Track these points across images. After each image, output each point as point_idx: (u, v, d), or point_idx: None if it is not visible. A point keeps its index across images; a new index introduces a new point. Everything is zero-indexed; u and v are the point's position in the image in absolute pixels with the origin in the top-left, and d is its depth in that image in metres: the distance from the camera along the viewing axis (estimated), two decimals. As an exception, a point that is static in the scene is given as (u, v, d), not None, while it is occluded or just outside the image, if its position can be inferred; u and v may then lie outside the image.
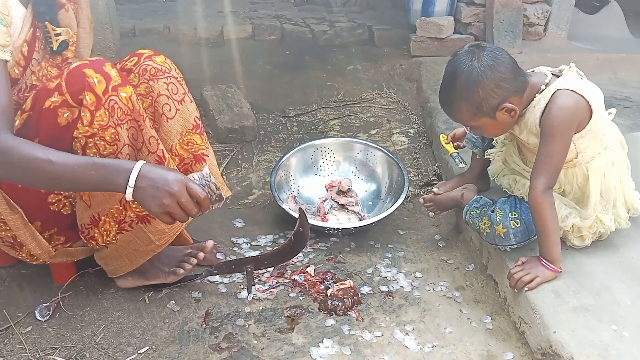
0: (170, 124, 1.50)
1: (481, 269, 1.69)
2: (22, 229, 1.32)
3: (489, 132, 1.51)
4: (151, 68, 1.49)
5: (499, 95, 1.37)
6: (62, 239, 1.38)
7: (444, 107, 1.47)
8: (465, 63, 1.37)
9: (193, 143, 1.55)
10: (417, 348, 1.38)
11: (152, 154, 1.35)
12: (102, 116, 1.24)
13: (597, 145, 1.45)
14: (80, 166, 1.15)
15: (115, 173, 1.16)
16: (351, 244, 1.85)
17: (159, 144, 1.37)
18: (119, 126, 1.27)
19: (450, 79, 1.41)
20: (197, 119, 1.56)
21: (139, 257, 1.46)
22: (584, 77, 1.45)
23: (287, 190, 2.05)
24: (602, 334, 1.25)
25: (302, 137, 2.57)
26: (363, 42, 3.71)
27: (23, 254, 1.41)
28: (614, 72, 3.11)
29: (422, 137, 2.58)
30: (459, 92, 1.39)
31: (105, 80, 1.25)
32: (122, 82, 1.28)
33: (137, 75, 1.49)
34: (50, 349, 1.36)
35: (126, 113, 1.28)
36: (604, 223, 1.47)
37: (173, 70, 1.52)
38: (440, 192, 1.83)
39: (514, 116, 1.41)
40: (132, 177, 1.15)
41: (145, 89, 1.49)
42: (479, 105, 1.38)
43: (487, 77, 1.35)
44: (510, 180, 1.60)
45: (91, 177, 1.15)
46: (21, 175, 1.17)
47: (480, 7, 3.37)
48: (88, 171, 1.15)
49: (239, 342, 1.40)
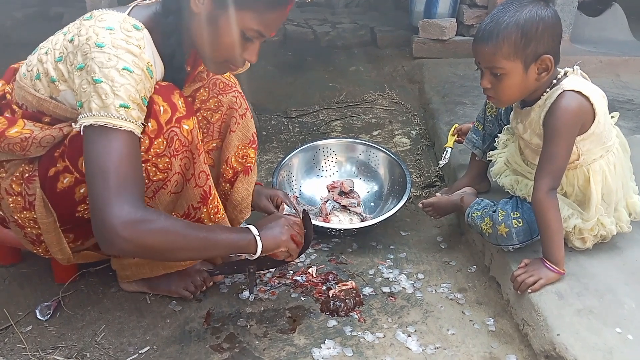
0: (232, 136, 1.56)
1: (484, 271, 1.68)
2: (52, 232, 1.33)
3: (504, 87, 1.40)
4: (220, 82, 1.54)
5: (549, 45, 1.34)
6: (71, 236, 1.38)
7: (485, 35, 1.36)
8: (532, 2, 1.34)
9: (247, 156, 1.60)
10: (420, 350, 1.37)
11: (199, 188, 1.36)
12: (160, 144, 1.24)
13: (599, 148, 1.44)
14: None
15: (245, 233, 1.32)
16: (353, 244, 1.84)
17: (208, 180, 1.38)
18: (174, 157, 1.27)
19: (511, 8, 1.34)
20: (254, 134, 1.60)
21: (161, 269, 1.48)
22: (588, 80, 1.45)
23: (289, 190, 2.04)
24: (606, 337, 1.24)
25: (304, 137, 2.57)
26: (365, 43, 3.71)
27: (40, 250, 1.40)
28: (616, 75, 3.11)
29: (424, 138, 2.58)
30: (516, 20, 1.32)
31: (171, 110, 1.24)
32: (186, 115, 1.28)
33: (207, 89, 1.53)
34: (51, 348, 1.36)
35: (184, 145, 1.28)
36: (606, 226, 1.46)
37: (237, 85, 1.57)
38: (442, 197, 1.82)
39: (541, 80, 1.38)
40: (253, 230, 1.31)
41: (215, 104, 1.53)
42: (527, 43, 1.32)
43: (552, 22, 1.33)
44: (512, 180, 1.59)
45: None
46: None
47: (483, 9, 3.36)
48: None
49: (240, 343, 1.39)
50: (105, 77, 1.10)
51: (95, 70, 1.11)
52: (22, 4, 4.01)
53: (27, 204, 1.30)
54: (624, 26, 3.69)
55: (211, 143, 1.58)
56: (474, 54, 1.41)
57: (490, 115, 1.77)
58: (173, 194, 1.33)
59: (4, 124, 1.25)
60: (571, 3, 3.32)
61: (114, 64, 1.11)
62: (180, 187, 1.34)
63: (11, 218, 1.35)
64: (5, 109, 1.32)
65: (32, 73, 1.24)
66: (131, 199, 1.10)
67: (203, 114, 1.54)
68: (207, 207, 1.39)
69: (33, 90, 1.24)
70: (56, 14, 3.76)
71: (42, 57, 1.23)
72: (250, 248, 1.31)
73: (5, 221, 1.40)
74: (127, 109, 1.12)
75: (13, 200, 1.31)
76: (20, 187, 1.30)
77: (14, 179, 1.30)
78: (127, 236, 1.09)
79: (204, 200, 1.37)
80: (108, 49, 1.12)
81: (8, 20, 3.72)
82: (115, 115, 1.10)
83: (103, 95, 1.10)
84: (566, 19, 3.35)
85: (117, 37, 1.13)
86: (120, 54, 1.12)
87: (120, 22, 1.16)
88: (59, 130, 1.26)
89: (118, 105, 1.11)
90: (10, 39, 3.56)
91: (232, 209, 1.61)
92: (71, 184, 1.26)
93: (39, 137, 1.24)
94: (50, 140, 1.26)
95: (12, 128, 1.24)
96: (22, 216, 1.32)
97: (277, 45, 3.68)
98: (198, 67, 1.48)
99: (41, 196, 1.28)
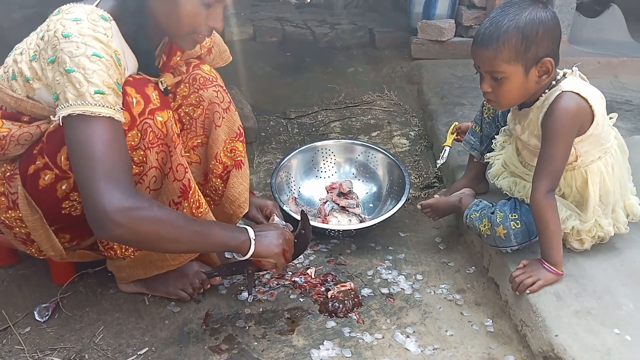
0: (218, 131, 1.55)
1: (482, 272, 1.68)
2: (40, 229, 1.32)
3: (505, 91, 1.39)
4: (200, 77, 1.52)
5: (549, 48, 1.34)
6: (67, 236, 1.38)
7: (485, 39, 1.35)
8: (531, 5, 1.33)
9: (235, 150, 1.59)
10: (418, 351, 1.37)
11: (178, 182, 1.35)
12: (134, 137, 1.24)
13: (598, 149, 1.44)
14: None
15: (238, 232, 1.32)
16: (352, 245, 1.84)
17: (187, 173, 1.37)
18: (149, 149, 1.27)
19: (511, 12, 1.33)
20: (240, 127, 1.59)
21: (154, 269, 1.47)
22: (587, 81, 1.45)
23: (287, 191, 2.05)
24: (604, 338, 1.24)
25: (302, 138, 2.57)
26: (364, 44, 3.71)
27: (32, 249, 1.40)
28: (615, 76, 3.11)
29: (423, 139, 2.58)
30: (516, 24, 1.31)
31: (144, 101, 1.25)
32: (160, 106, 1.28)
33: (188, 84, 1.52)
34: (49, 349, 1.35)
35: (159, 137, 1.28)
36: (603, 227, 1.47)
37: (218, 79, 1.56)
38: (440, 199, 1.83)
39: (541, 82, 1.38)
40: (250, 233, 1.32)
41: (196, 99, 1.52)
42: (527, 47, 1.32)
43: (551, 24, 1.33)
44: (510, 182, 1.60)
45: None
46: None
47: (481, 10, 3.36)
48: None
49: (239, 344, 1.39)
50: (76, 65, 1.11)
51: (66, 61, 1.11)
52: (21, 5, 4.00)
53: (11, 203, 1.30)
54: (623, 27, 3.69)
55: (195, 139, 1.57)
56: (474, 58, 1.41)
57: (487, 116, 1.77)
58: (152, 191, 1.32)
59: None
60: (570, 4, 3.33)
61: (82, 51, 1.11)
62: (159, 183, 1.33)
63: None
64: None
65: (8, 74, 1.24)
66: (121, 186, 1.11)
67: (185, 110, 1.54)
68: (188, 201, 1.38)
69: (10, 91, 1.24)
70: (55, 15, 3.76)
71: (17, 57, 1.24)
72: (242, 249, 1.31)
73: None
74: (102, 95, 1.12)
75: None
76: (3, 187, 1.30)
77: None
78: (120, 221, 1.09)
79: (184, 194, 1.37)
80: (75, 37, 1.12)
81: (6, 21, 3.71)
82: (92, 103, 1.11)
83: (77, 84, 1.10)
84: (565, 20, 3.35)
85: (83, 26, 1.14)
86: (87, 41, 1.12)
87: (88, 14, 1.16)
88: (37, 128, 1.26)
89: (93, 92, 1.11)
90: (9, 39, 3.54)
91: (229, 204, 1.61)
92: (52, 180, 1.26)
93: (17, 135, 1.24)
94: (28, 138, 1.26)
95: None
96: (8, 216, 1.32)
97: (276, 46, 3.68)
98: (173, 55, 1.46)
99: (23, 194, 1.28)
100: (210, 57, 1.64)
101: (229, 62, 1.71)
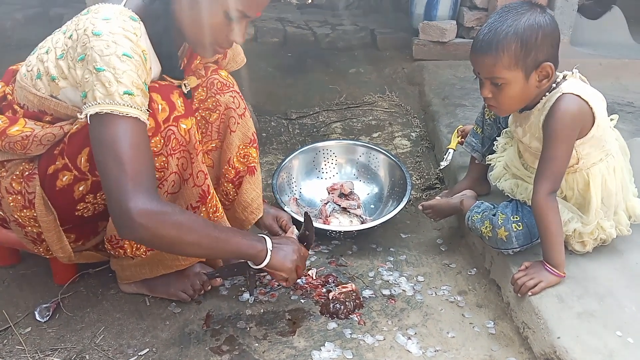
0: (232, 137, 1.55)
1: (484, 273, 1.68)
2: (52, 230, 1.33)
3: (506, 96, 1.38)
4: (217, 82, 1.53)
5: (548, 52, 1.33)
6: (72, 236, 1.38)
7: (484, 46, 1.34)
8: (529, 9, 1.33)
9: (249, 156, 1.59)
10: (420, 352, 1.37)
11: (198, 187, 1.36)
12: (157, 143, 1.25)
13: (599, 151, 1.44)
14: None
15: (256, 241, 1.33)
16: (353, 247, 1.84)
17: (207, 179, 1.38)
18: (170, 156, 1.27)
19: (509, 17, 1.32)
20: (254, 133, 1.60)
21: (162, 269, 1.47)
22: (587, 83, 1.44)
23: (289, 192, 2.04)
24: (606, 340, 1.24)
25: (304, 139, 2.57)
26: (365, 45, 3.71)
27: (41, 249, 1.41)
28: (616, 78, 3.11)
29: (425, 140, 2.57)
30: (515, 30, 1.31)
31: (169, 108, 1.25)
32: (185, 114, 1.28)
33: (205, 89, 1.52)
34: (50, 350, 1.35)
35: (181, 144, 1.29)
36: (605, 229, 1.46)
37: (235, 85, 1.57)
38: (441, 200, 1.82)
39: (541, 87, 1.38)
40: (268, 243, 1.33)
41: (213, 103, 1.53)
42: (527, 52, 1.31)
43: (550, 29, 1.33)
44: (512, 184, 1.59)
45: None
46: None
47: (483, 12, 3.36)
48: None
49: (240, 345, 1.39)
50: (106, 64, 1.11)
51: (97, 59, 1.11)
52: (23, 5, 4.00)
53: (27, 203, 1.31)
54: (624, 29, 3.69)
55: (210, 143, 1.58)
56: (473, 64, 1.40)
57: (489, 118, 1.77)
58: (170, 195, 1.33)
59: (5, 123, 1.26)
60: (571, 6, 3.32)
61: (113, 50, 1.12)
62: (177, 187, 1.34)
63: (11, 217, 1.35)
64: (7, 110, 1.32)
65: (32, 73, 1.25)
66: (147, 190, 1.13)
67: (201, 114, 1.55)
68: (205, 206, 1.39)
69: (34, 89, 1.25)
70: (56, 15, 3.76)
71: (42, 56, 1.24)
72: (257, 258, 1.32)
73: (6, 221, 1.40)
74: (131, 96, 1.13)
75: (13, 199, 1.31)
76: (20, 186, 1.30)
77: (14, 178, 1.31)
78: (145, 223, 1.11)
79: (202, 199, 1.38)
80: (105, 36, 1.12)
81: (8, 21, 3.71)
82: (120, 103, 1.11)
83: (106, 83, 1.11)
84: (566, 21, 3.35)
85: (114, 25, 1.14)
86: (117, 40, 1.13)
87: (117, 14, 1.17)
88: (60, 129, 1.26)
89: (122, 92, 1.11)
90: (11, 39, 3.55)
91: (242, 210, 1.61)
92: (70, 181, 1.27)
93: (40, 135, 1.25)
94: (50, 138, 1.26)
95: (14, 127, 1.25)
96: (23, 215, 1.32)
97: (277, 47, 3.68)
98: (194, 60, 1.47)
99: (41, 194, 1.28)
100: (226, 61, 1.65)
101: (242, 64, 1.71)
